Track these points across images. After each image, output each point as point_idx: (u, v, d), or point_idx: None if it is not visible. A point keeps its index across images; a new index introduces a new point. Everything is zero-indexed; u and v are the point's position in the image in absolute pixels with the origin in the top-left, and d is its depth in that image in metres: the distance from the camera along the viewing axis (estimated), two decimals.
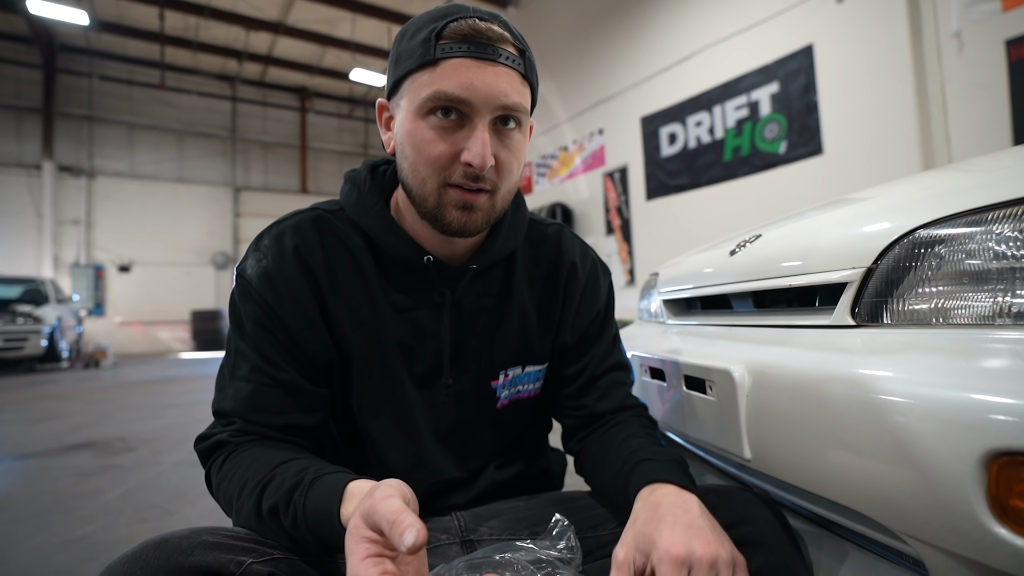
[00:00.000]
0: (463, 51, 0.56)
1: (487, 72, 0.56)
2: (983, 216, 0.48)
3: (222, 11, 9.54)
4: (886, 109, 4.25)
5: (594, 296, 0.78)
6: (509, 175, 0.61)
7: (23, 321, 7.23)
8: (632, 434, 0.68)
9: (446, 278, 0.68)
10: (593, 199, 7.36)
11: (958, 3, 3.83)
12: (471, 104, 0.56)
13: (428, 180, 0.59)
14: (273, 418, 0.61)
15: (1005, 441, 0.36)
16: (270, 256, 0.64)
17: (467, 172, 0.57)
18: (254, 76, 12.84)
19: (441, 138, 0.57)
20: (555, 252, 0.77)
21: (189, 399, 4.58)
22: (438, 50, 0.56)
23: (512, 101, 0.58)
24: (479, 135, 0.56)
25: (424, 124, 0.58)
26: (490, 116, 0.57)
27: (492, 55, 0.57)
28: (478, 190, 0.59)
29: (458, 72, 0.56)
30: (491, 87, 0.56)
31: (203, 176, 12.59)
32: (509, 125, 0.60)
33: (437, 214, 0.60)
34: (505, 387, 0.73)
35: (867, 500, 0.48)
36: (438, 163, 0.58)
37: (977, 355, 0.43)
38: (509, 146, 0.60)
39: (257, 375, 0.61)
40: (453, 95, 0.55)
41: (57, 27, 10.06)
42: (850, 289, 0.56)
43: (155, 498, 1.99)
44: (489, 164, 0.57)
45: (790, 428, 0.56)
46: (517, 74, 0.59)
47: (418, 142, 0.58)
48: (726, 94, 5.55)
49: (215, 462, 0.60)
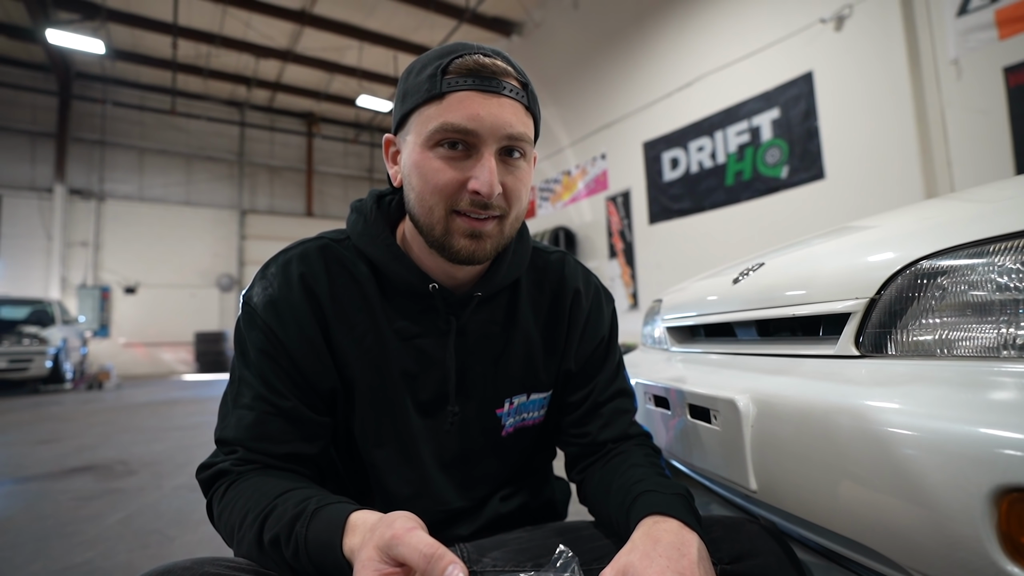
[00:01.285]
0: (468, 84, 0.58)
1: (492, 104, 0.58)
2: (985, 248, 0.48)
3: (233, 40, 9.78)
4: (887, 134, 4.30)
5: (598, 323, 0.78)
6: (518, 201, 0.63)
7: (29, 342, 7.26)
8: (636, 463, 0.67)
9: (451, 306, 0.68)
10: (596, 223, 7.40)
11: (955, 31, 3.89)
12: (477, 135, 0.57)
13: (435, 208, 0.60)
14: (275, 447, 0.60)
15: (1015, 477, 0.36)
16: (276, 284, 0.64)
17: (474, 200, 0.59)
18: (262, 102, 13.10)
19: (448, 167, 0.58)
20: (558, 279, 0.77)
21: (191, 422, 4.56)
22: (444, 84, 0.58)
23: (517, 131, 0.59)
24: (486, 163, 0.58)
25: (431, 155, 0.59)
26: (496, 146, 0.59)
27: (496, 88, 0.58)
28: (486, 217, 0.60)
29: (464, 104, 0.57)
30: (496, 118, 0.58)
31: (210, 199, 12.75)
32: (514, 155, 0.61)
33: (445, 242, 0.61)
34: (510, 415, 0.73)
35: (875, 534, 0.47)
36: (445, 191, 0.59)
37: (983, 388, 0.42)
38: (516, 174, 0.61)
39: (260, 403, 0.61)
40: (460, 126, 0.57)
41: (74, 56, 10.32)
42: (854, 319, 0.56)
43: (156, 523, 1.97)
44: (497, 192, 0.58)
45: (796, 459, 0.55)
46: (521, 106, 0.61)
47: (425, 171, 0.59)
48: (727, 119, 5.62)
49: (216, 492, 0.59)
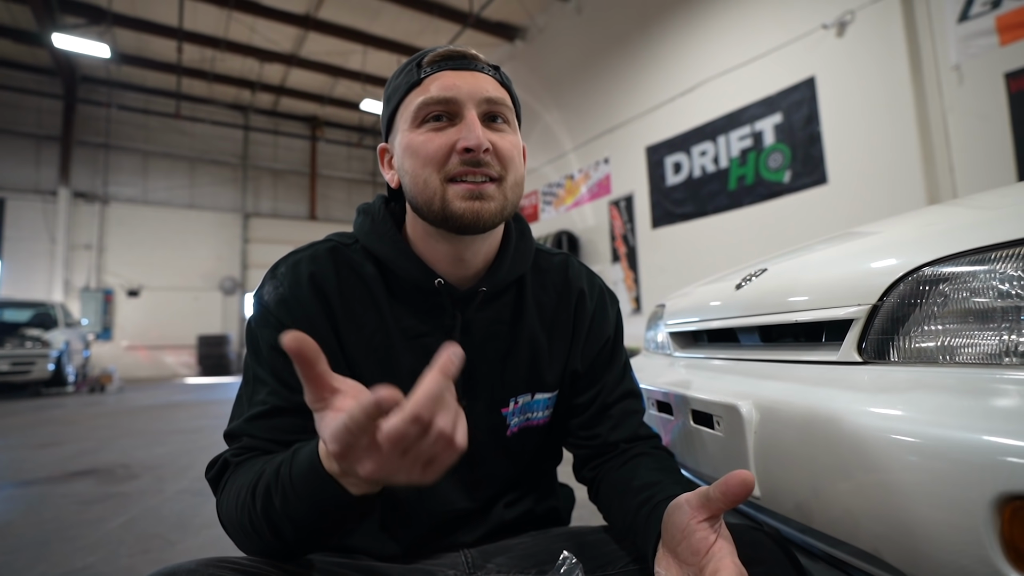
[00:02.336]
0: (443, 67, 0.63)
1: (466, 76, 0.63)
2: (988, 255, 0.48)
3: (238, 44, 9.84)
4: (889, 139, 4.30)
5: (603, 324, 0.78)
6: (511, 162, 0.64)
7: (31, 345, 7.28)
8: (653, 467, 0.67)
9: (456, 301, 0.69)
10: (599, 227, 7.41)
11: (956, 37, 3.90)
12: (457, 101, 0.61)
13: (430, 180, 0.61)
14: (284, 436, 0.60)
15: (1018, 485, 0.36)
16: (286, 283, 0.65)
17: (465, 159, 0.60)
18: (266, 106, 13.16)
19: (435, 137, 0.61)
20: (563, 280, 0.77)
21: (194, 425, 4.56)
22: (421, 72, 0.63)
23: (494, 95, 0.63)
24: (469, 121, 0.61)
25: (417, 133, 0.62)
26: (476, 109, 0.62)
27: (469, 66, 0.64)
28: (484, 180, 0.61)
29: (440, 80, 0.62)
30: (472, 85, 0.62)
31: (214, 202, 12.80)
32: (497, 121, 0.64)
33: (446, 211, 0.61)
34: (515, 414, 0.73)
35: (879, 541, 0.47)
36: (436, 158, 0.61)
37: (985, 395, 0.43)
38: (504, 137, 0.64)
39: (273, 398, 0.61)
40: (439, 97, 0.61)
41: (80, 60, 10.39)
42: (856, 326, 0.56)
43: (157, 527, 1.97)
44: (485, 145, 0.60)
45: (799, 465, 0.55)
46: (495, 80, 0.65)
47: (415, 148, 0.62)
48: (730, 124, 5.63)
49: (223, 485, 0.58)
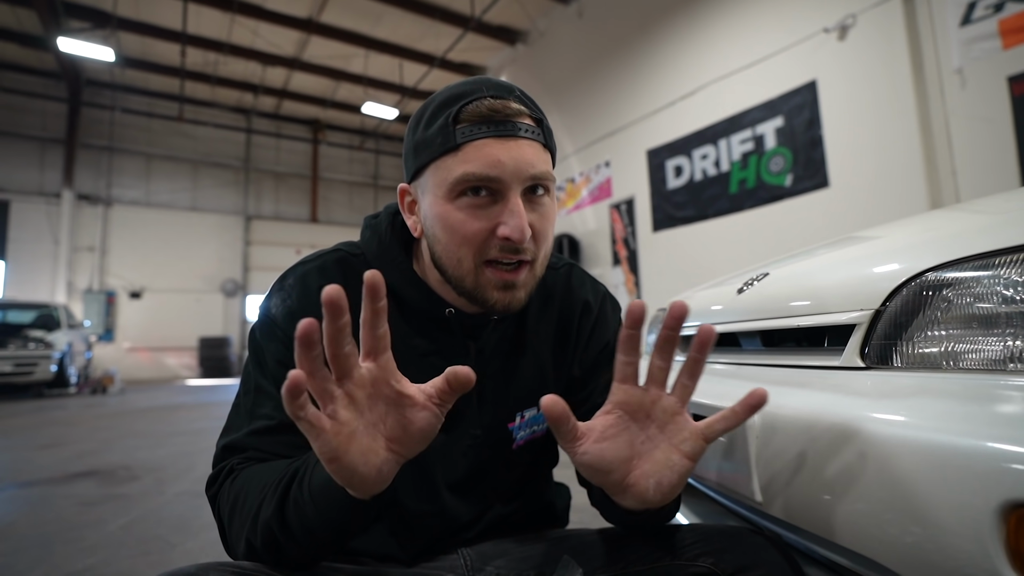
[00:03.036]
0: (483, 132, 0.56)
1: (511, 147, 0.57)
2: (991, 260, 0.48)
3: (241, 48, 9.88)
4: (891, 143, 4.29)
5: (603, 330, 0.78)
6: (545, 241, 0.61)
7: (34, 346, 7.29)
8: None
9: (467, 329, 0.68)
10: (600, 230, 7.40)
11: (958, 40, 3.90)
12: (501, 180, 0.56)
13: (464, 260, 0.59)
14: (291, 451, 0.59)
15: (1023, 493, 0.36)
16: (295, 296, 0.64)
17: (505, 246, 0.57)
18: (269, 109, 13.20)
19: (475, 217, 0.57)
20: (567, 291, 0.77)
21: (195, 427, 4.56)
22: (458, 135, 0.56)
23: (539, 171, 0.58)
24: (513, 208, 0.56)
25: (454, 206, 0.58)
26: (520, 188, 0.57)
27: (512, 131, 0.57)
28: (518, 264, 0.59)
29: (482, 152, 0.56)
30: (517, 161, 0.56)
31: (216, 205, 12.84)
32: (538, 193, 0.60)
33: (477, 295, 0.60)
34: (521, 428, 0.73)
35: (881, 548, 0.47)
36: (474, 241, 0.58)
37: (990, 401, 0.42)
38: (541, 212, 0.60)
39: (280, 413, 0.59)
40: (482, 175, 0.56)
41: (84, 63, 10.44)
42: (859, 331, 0.56)
43: (158, 529, 1.96)
44: (527, 235, 0.57)
45: (801, 471, 0.55)
46: (539, 144, 0.59)
47: (451, 224, 0.58)
48: (731, 128, 5.63)
49: (223, 488, 0.57)
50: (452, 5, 8.61)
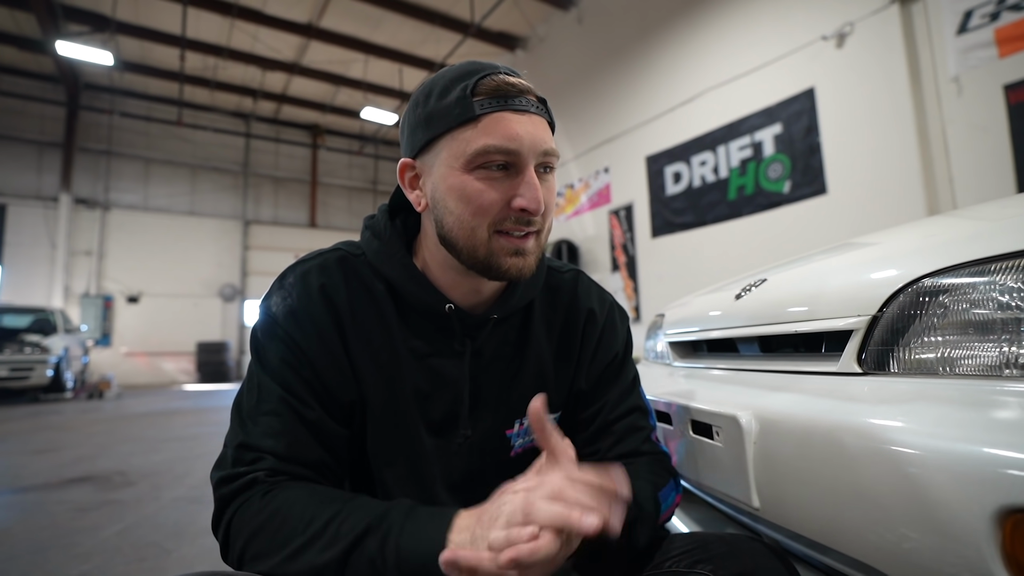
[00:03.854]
0: (500, 105, 0.59)
1: (526, 122, 0.60)
2: (987, 267, 0.48)
3: (240, 52, 9.91)
4: (889, 150, 4.32)
5: (612, 341, 0.77)
6: (550, 214, 0.65)
7: (30, 351, 7.25)
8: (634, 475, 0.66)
9: (467, 327, 0.68)
10: (599, 236, 7.42)
11: (955, 49, 3.93)
12: (519, 154, 0.59)
13: (478, 229, 0.60)
14: (307, 453, 0.59)
15: (1019, 498, 0.36)
16: (295, 294, 0.64)
17: (519, 217, 0.60)
18: (268, 114, 13.22)
19: (492, 187, 0.59)
20: (572, 299, 0.77)
21: (191, 432, 4.54)
22: (476, 106, 0.59)
23: (550, 147, 0.62)
24: (530, 181, 0.59)
25: (471, 177, 0.59)
26: (535, 162, 0.60)
27: (525, 106, 0.60)
28: (526, 234, 0.62)
29: (501, 125, 0.59)
30: (532, 136, 0.59)
31: (214, 209, 12.82)
32: (547, 171, 0.63)
33: (491, 262, 0.61)
34: (520, 436, 0.72)
35: (878, 553, 0.47)
36: (491, 210, 0.59)
37: (986, 407, 0.42)
38: (548, 187, 0.64)
39: (286, 410, 0.60)
40: (503, 147, 0.58)
41: (83, 67, 10.46)
42: (856, 336, 0.56)
43: (153, 535, 1.95)
44: (543, 208, 0.60)
45: (799, 477, 0.55)
46: (545, 120, 0.63)
47: (469, 193, 0.59)
48: (730, 134, 5.65)
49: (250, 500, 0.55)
50: (452, 11, 8.66)
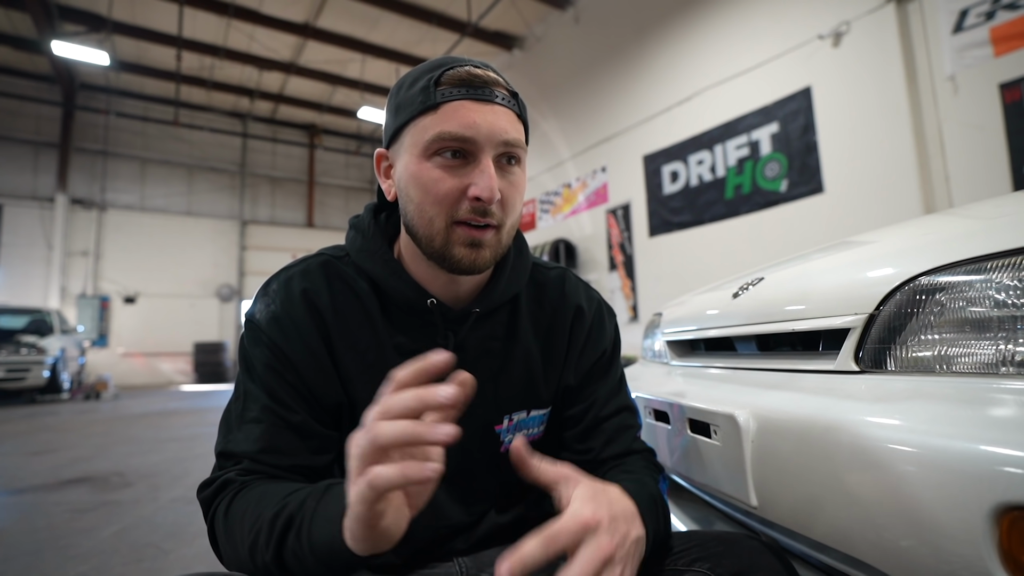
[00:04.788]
0: (462, 94, 0.59)
1: (486, 111, 0.59)
2: (984, 264, 0.48)
3: (237, 52, 9.87)
4: (885, 149, 4.33)
5: (599, 338, 0.77)
6: (512, 209, 0.63)
7: (27, 352, 7.22)
8: (628, 471, 0.67)
9: (449, 321, 0.68)
10: (596, 235, 7.42)
11: (951, 48, 3.94)
12: (475, 141, 0.58)
13: (436, 219, 0.60)
14: (283, 459, 0.59)
15: (1016, 495, 0.36)
16: (278, 300, 0.65)
17: (475, 207, 0.59)
18: (265, 113, 13.19)
19: (448, 176, 0.59)
20: (559, 296, 0.77)
21: (189, 433, 4.53)
22: (438, 95, 0.59)
23: (512, 137, 0.60)
24: (486, 169, 0.58)
25: (429, 164, 0.59)
26: (493, 152, 0.59)
27: (489, 96, 0.60)
28: (485, 226, 0.60)
29: (459, 113, 0.58)
30: (492, 125, 0.59)
31: (211, 210, 12.79)
32: (510, 162, 0.62)
33: (445, 252, 0.61)
34: (509, 431, 0.72)
35: (876, 551, 0.47)
36: (446, 200, 0.59)
37: (983, 404, 0.43)
38: (511, 182, 0.62)
39: (268, 415, 0.60)
40: (457, 134, 0.58)
41: (79, 67, 10.41)
42: (853, 335, 0.56)
43: (151, 536, 1.95)
44: (497, 197, 0.59)
45: (796, 475, 0.55)
46: (513, 113, 0.62)
47: (425, 182, 0.60)
48: (727, 133, 5.66)
49: (220, 504, 0.57)
50: (449, 10, 8.65)
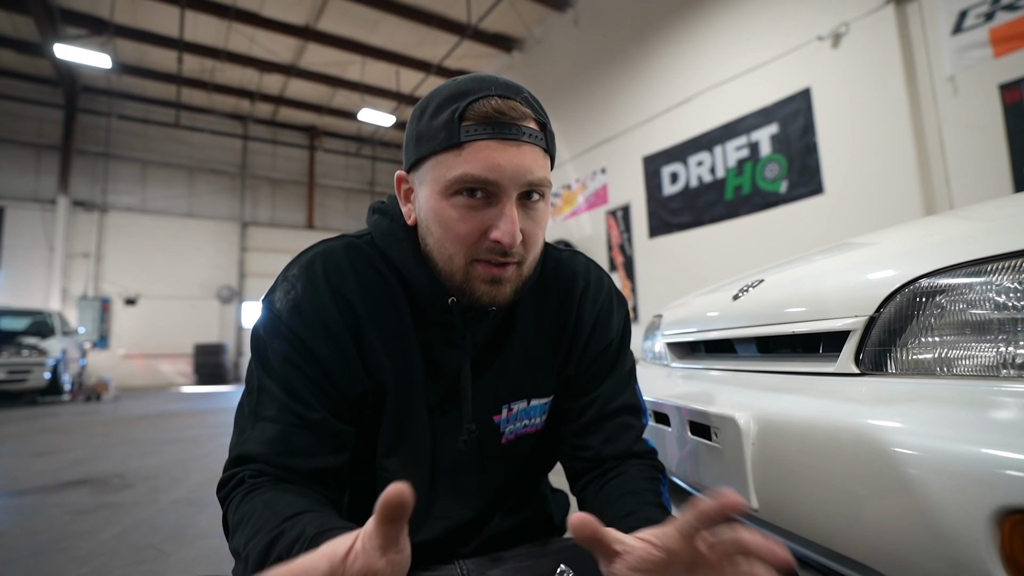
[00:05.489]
0: (487, 133, 0.56)
1: (511, 152, 0.56)
2: (984, 267, 0.48)
3: (237, 55, 9.89)
4: (885, 150, 4.32)
5: (607, 326, 0.75)
6: (535, 245, 0.62)
7: (28, 353, 7.22)
8: (631, 490, 0.65)
9: (467, 320, 0.67)
10: (596, 237, 7.42)
11: (951, 49, 3.94)
12: (498, 184, 0.56)
13: (455, 257, 0.59)
14: (300, 462, 0.57)
15: (1018, 499, 0.36)
16: (300, 286, 0.62)
17: (495, 248, 0.58)
18: (265, 115, 13.20)
19: (468, 217, 0.57)
20: (567, 278, 0.75)
21: (189, 434, 4.53)
22: (462, 133, 0.56)
23: (537, 177, 0.58)
24: (508, 213, 0.57)
25: (449, 204, 0.58)
26: (516, 192, 0.58)
27: (516, 135, 0.57)
28: (505, 264, 0.59)
29: (483, 154, 0.56)
30: (516, 166, 0.56)
31: (212, 211, 12.80)
32: (533, 198, 0.60)
33: (465, 288, 0.61)
34: (509, 421, 0.71)
35: (877, 554, 0.47)
36: (466, 241, 0.58)
37: (984, 407, 0.42)
38: (534, 218, 0.60)
39: (285, 415, 0.58)
40: (480, 177, 0.56)
41: (81, 70, 10.42)
42: (853, 337, 0.56)
43: (151, 538, 1.95)
44: (518, 241, 0.57)
45: (797, 478, 0.55)
46: (539, 149, 0.59)
47: (445, 221, 0.58)
48: (726, 135, 5.66)
49: (231, 502, 0.56)
50: (449, 13, 8.66)
